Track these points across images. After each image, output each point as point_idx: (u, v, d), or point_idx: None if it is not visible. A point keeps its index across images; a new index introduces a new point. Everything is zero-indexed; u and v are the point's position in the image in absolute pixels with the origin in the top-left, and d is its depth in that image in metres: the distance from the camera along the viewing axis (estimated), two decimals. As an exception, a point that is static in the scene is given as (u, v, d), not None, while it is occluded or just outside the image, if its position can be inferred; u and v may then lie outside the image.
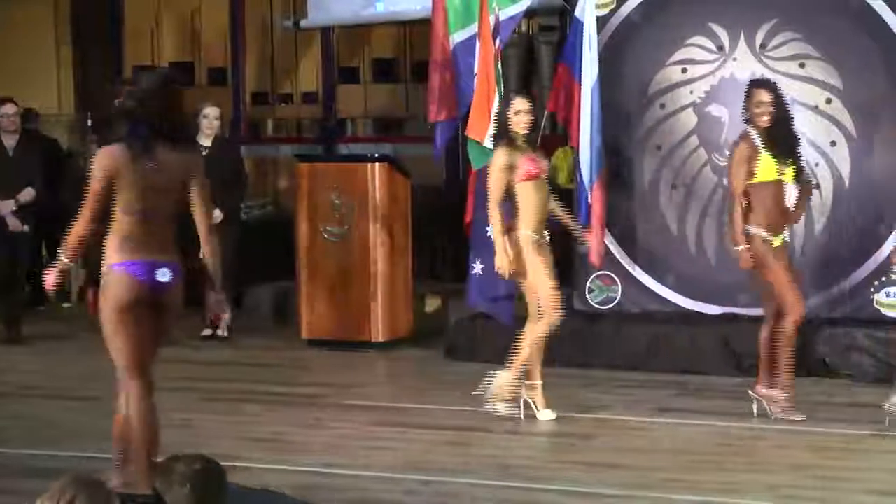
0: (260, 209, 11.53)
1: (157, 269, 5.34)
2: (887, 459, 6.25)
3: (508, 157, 7.05)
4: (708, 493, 5.62)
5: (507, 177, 7.04)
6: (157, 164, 5.25)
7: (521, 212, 7.08)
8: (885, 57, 8.29)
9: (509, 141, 7.11)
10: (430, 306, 10.10)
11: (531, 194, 7.05)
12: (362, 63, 12.35)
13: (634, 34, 8.87)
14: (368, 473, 6.03)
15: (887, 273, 8.31)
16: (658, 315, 8.78)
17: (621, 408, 7.39)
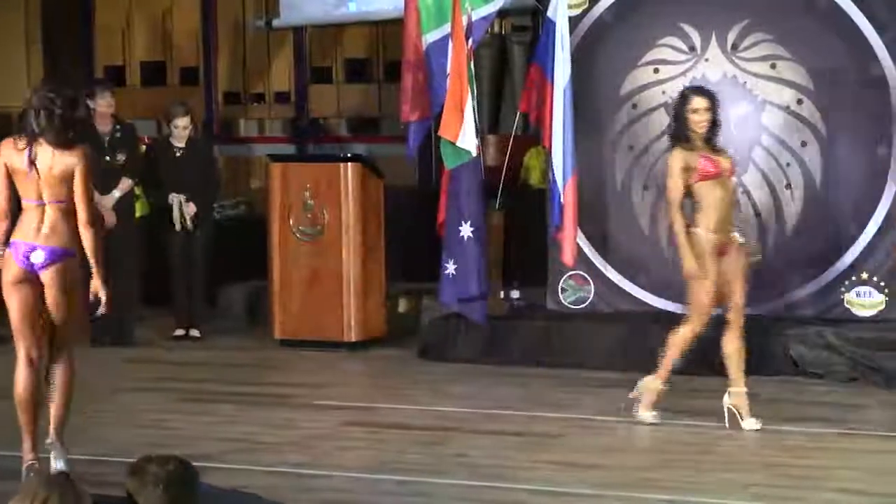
0: (232, 209, 11.50)
1: (32, 251, 5.82)
2: (858, 458, 6.29)
3: (685, 158, 6.83)
4: (680, 493, 5.64)
5: (685, 178, 6.81)
6: (37, 158, 5.81)
7: (700, 212, 6.85)
8: (855, 58, 8.34)
9: (686, 140, 6.87)
10: (403, 306, 10.10)
11: (710, 194, 6.82)
12: (335, 63, 12.34)
13: (607, 34, 8.90)
14: (341, 474, 6.03)
15: (858, 272, 8.37)
16: (630, 315, 8.81)
17: (593, 407, 7.41)
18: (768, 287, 8.56)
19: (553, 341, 8.65)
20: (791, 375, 8.08)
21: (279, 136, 12.60)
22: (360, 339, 9.27)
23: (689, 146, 6.83)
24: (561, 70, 8.41)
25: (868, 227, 8.33)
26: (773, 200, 8.58)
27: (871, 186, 8.35)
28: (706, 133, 6.84)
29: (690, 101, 6.84)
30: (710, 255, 6.79)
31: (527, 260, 9.45)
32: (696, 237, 6.80)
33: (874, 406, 7.36)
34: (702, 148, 6.83)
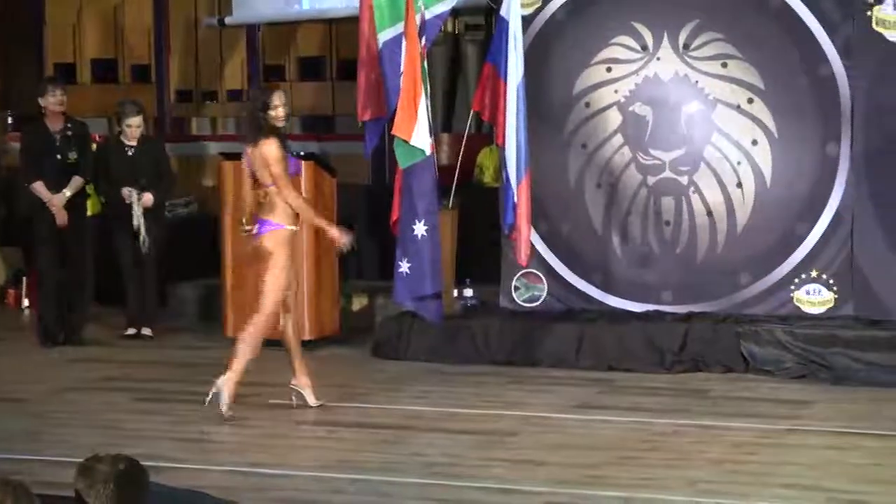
0: (184, 207, 11.46)
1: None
2: (805, 454, 6.35)
3: None
4: (629, 489, 5.69)
5: None
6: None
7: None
8: (805, 58, 8.43)
9: None
10: (357, 305, 10.10)
11: None
12: (288, 61, 12.32)
13: (559, 33, 8.94)
14: (294, 473, 6.03)
15: (807, 270, 8.46)
16: (583, 313, 8.86)
17: (546, 405, 7.45)
18: (718, 285, 8.64)
19: (506, 340, 8.68)
20: (742, 372, 8.15)
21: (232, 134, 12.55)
22: (313, 338, 9.26)
23: None
24: (514, 69, 8.43)
25: (817, 225, 8.42)
26: (724, 199, 8.65)
27: (821, 185, 8.44)
28: None
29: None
30: None
31: (480, 258, 9.47)
32: None
33: (823, 402, 7.44)
34: None
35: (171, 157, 10.60)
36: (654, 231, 8.81)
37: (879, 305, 8.33)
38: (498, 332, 8.73)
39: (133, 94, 10.77)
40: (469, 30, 11.49)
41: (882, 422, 6.91)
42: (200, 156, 12.37)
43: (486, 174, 11.10)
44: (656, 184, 8.77)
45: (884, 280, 8.30)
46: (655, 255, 8.82)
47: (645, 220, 8.82)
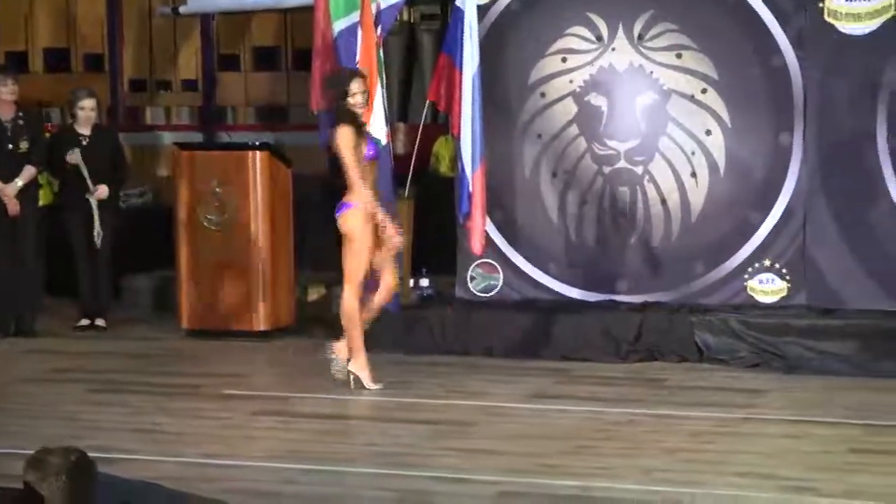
0: (138, 197, 11.38)
1: None
2: (759, 442, 6.40)
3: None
4: (585, 478, 5.70)
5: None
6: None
7: None
8: (758, 49, 8.47)
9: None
10: (313, 295, 10.07)
11: None
12: (243, 51, 12.26)
13: (515, 23, 8.94)
14: (248, 463, 6.01)
15: (761, 260, 8.51)
16: (539, 303, 8.87)
17: (501, 395, 7.46)
18: (673, 274, 8.68)
19: (462, 329, 8.68)
20: (696, 362, 8.20)
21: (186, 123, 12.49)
22: (269, 329, 9.24)
23: None
24: (470, 58, 8.43)
25: (770, 215, 8.47)
26: (678, 188, 8.69)
27: (774, 175, 8.49)
28: None
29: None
30: None
31: (436, 248, 9.47)
32: None
33: (776, 391, 7.49)
34: None
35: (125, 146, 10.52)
36: (610, 221, 8.84)
37: (832, 294, 8.39)
38: (453, 322, 8.73)
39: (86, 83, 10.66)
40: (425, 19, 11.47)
41: (834, 410, 6.96)
42: (154, 146, 12.29)
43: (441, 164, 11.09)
44: (611, 174, 8.80)
45: (836, 269, 8.37)
46: (611, 245, 8.85)
47: (600, 210, 8.84)
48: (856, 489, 5.50)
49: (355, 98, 7.35)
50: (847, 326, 8.03)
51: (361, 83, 7.43)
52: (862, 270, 8.31)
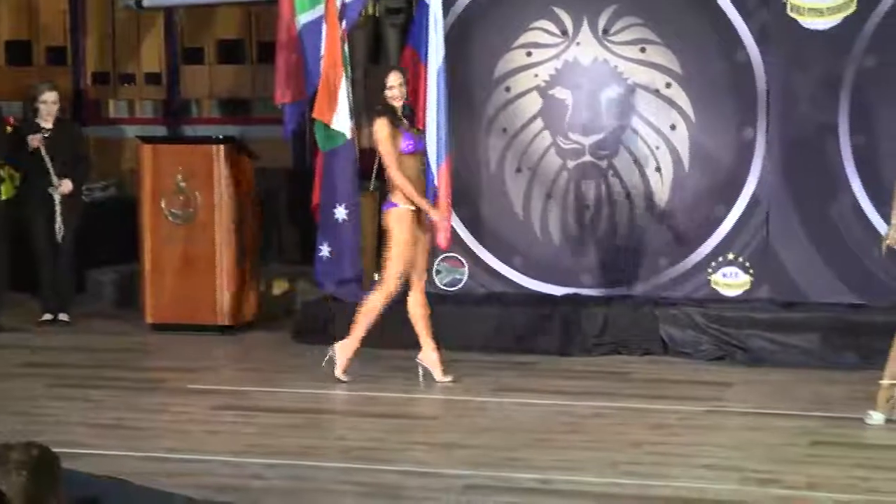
0: (102, 191, 11.32)
1: None
2: (722, 434, 6.43)
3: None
4: (549, 471, 5.72)
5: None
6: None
7: None
8: (722, 43, 8.51)
9: None
10: (278, 289, 10.05)
11: None
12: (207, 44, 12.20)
13: (480, 17, 8.94)
14: (213, 458, 5.99)
15: (724, 253, 8.56)
16: (504, 297, 8.88)
17: (467, 388, 7.47)
18: (637, 268, 8.71)
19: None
20: (661, 355, 8.23)
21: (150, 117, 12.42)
22: (233, 323, 9.21)
23: None
24: (435, 52, 8.40)
25: (734, 208, 8.52)
26: (643, 182, 8.72)
27: (738, 169, 8.53)
28: None
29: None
30: None
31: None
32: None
33: (740, 384, 7.54)
34: None
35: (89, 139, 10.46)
36: (575, 215, 8.86)
37: (794, 288, 8.45)
38: (419, 315, 8.72)
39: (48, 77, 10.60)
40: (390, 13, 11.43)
41: (797, 402, 7.01)
42: (118, 139, 12.22)
43: (407, 158, 11.07)
44: (576, 168, 8.82)
45: (798, 263, 8.42)
46: (575, 239, 8.87)
47: (565, 204, 8.86)
48: (818, 481, 5.54)
49: (392, 91, 7.45)
50: (809, 319, 8.09)
51: (399, 76, 7.54)
52: (824, 264, 8.37)
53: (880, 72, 8.23)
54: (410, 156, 7.55)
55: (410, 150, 7.55)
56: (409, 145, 7.54)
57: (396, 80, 7.51)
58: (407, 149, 7.52)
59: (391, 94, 7.50)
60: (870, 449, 6.09)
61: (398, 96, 7.51)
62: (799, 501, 5.29)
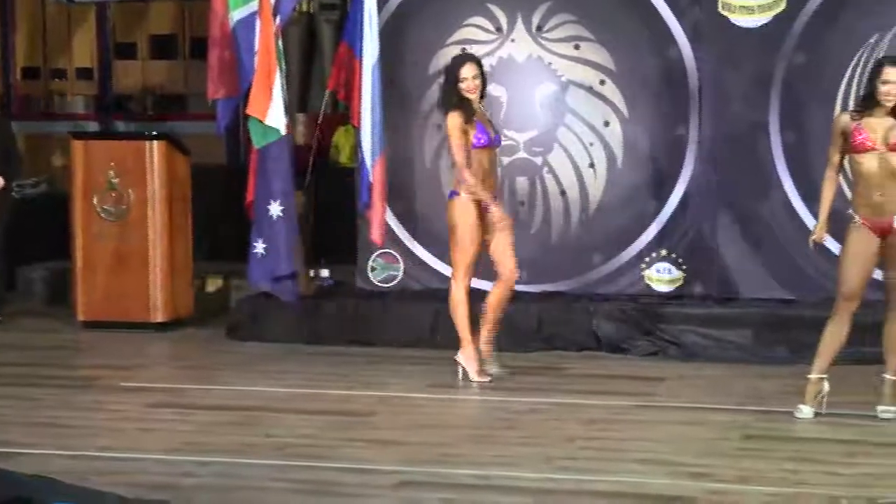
0: (33, 187, 11.19)
1: None
2: (656, 429, 6.48)
3: (845, 124, 6.46)
4: (486, 467, 5.73)
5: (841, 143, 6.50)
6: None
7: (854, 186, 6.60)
8: (655, 40, 8.57)
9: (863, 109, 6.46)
10: (212, 286, 9.99)
11: (861, 165, 6.45)
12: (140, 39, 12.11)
13: (415, 13, 8.94)
14: (146, 456, 5.94)
15: (657, 249, 8.62)
16: (440, 292, 8.87)
17: (403, 385, 7.47)
18: (572, 264, 8.76)
19: (362, 320, 8.67)
20: (595, 350, 8.28)
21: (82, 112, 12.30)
22: (167, 320, 9.16)
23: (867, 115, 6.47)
24: (370, 48, 8.42)
25: (667, 205, 8.59)
26: (577, 179, 8.77)
27: (670, 165, 8.60)
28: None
29: (882, 73, 6.44)
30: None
31: (336, 238, 9.45)
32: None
33: (673, 379, 7.60)
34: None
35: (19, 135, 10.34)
36: (509, 211, 8.87)
37: (727, 283, 8.53)
38: (354, 312, 8.72)
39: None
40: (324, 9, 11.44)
41: (729, 397, 7.08)
42: (49, 135, 12.10)
43: (341, 154, 11.08)
44: (511, 164, 8.85)
45: (730, 259, 8.51)
46: (509, 235, 8.88)
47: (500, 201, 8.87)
48: (749, 475, 5.61)
49: (466, 83, 7.28)
50: (741, 315, 8.18)
51: (473, 68, 7.33)
52: (756, 260, 8.47)
53: (810, 69, 8.33)
54: (482, 150, 7.32)
55: (481, 144, 7.31)
56: (481, 139, 7.31)
57: (471, 71, 7.29)
58: (477, 143, 7.29)
59: (465, 85, 7.28)
60: (799, 442, 6.16)
61: (472, 88, 7.29)
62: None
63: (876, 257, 6.50)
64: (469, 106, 7.32)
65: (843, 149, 6.53)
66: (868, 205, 6.45)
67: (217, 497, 5.37)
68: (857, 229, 6.47)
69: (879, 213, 6.43)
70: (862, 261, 6.47)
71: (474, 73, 7.31)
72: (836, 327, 6.53)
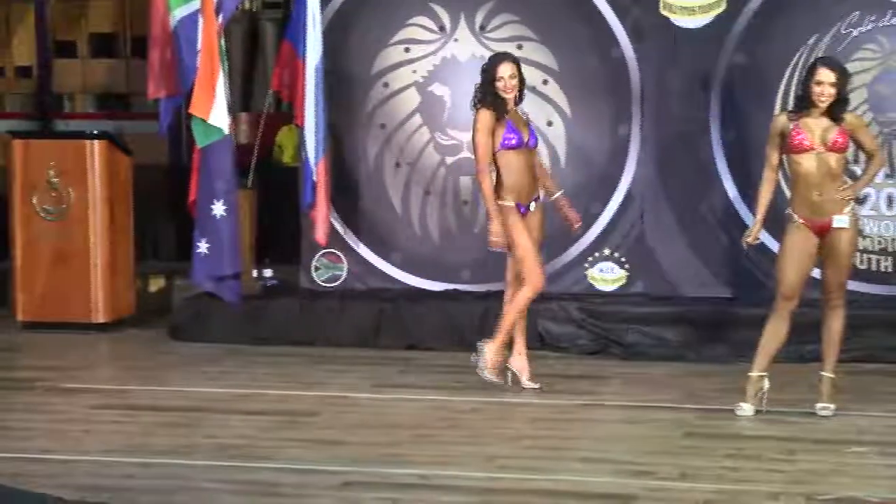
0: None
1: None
2: (598, 428, 6.52)
3: (783, 124, 6.51)
4: (428, 467, 5.74)
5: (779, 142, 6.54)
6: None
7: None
8: (597, 40, 8.62)
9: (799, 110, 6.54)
10: (154, 286, 9.93)
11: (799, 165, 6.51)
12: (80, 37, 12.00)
13: (358, 13, 8.93)
14: (87, 458, 5.90)
15: (600, 248, 8.67)
16: (383, 292, 8.89)
17: (345, 385, 7.46)
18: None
19: (306, 320, 8.65)
20: (538, 350, 8.29)
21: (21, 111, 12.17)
22: (108, 321, 9.09)
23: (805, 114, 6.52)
24: (313, 48, 8.41)
25: (610, 204, 8.63)
26: (521, 179, 8.77)
27: (613, 165, 8.65)
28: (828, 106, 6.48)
29: (816, 73, 6.50)
30: None
31: (280, 238, 9.43)
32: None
33: (616, 377, 7.64)
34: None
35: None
36: (453, 210, 8.90)
37: (668, 282, 8.59)
38: (298, 312, 8.70)
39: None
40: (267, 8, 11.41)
41: (671, 395, 7.13)
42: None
43: (285, 154, 11.04)
44: (454, 164, 8.86)
45: (672, 258, 8.57)
46: (454, 235, 8.91)
47: (443, 200, 8.90)
48: (690, 472, 5.65)
49: (503, 82, 7.02)
50: (683, 313, 8.23)
51: (511, 67, 7.09)
52: (697, 259, 8.53)
53: (750, 69, 8.40)
54: (514, 151, 7.07)
55: (509, 145, 7.06)
56: (510, 140, 7.07)
57: (508, 70, 7.05)
58: (506, 143, 7.05)
59: (501, 84, 7.04)
60: (740, 440, 6.22)
61: (509, 88, 7.04)
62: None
63: (814, 256, 6.58)
64: (502, 106, 7.08)
65: (781, 149, 6.60)
66: (807, 205, 6.52)
67: (159, 499, 5.34)
68: (795, 228, 6.54)
69: (818, 212, 6.50)
70: (800, 260, 6.54)
71: (511, 72, 7.09)
72: (776, 325, 6.59)
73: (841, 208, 6.50)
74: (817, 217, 6.50)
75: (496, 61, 7.17)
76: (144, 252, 9.99)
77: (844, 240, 6.52)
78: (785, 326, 6.59)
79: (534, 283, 7.16)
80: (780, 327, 6.59)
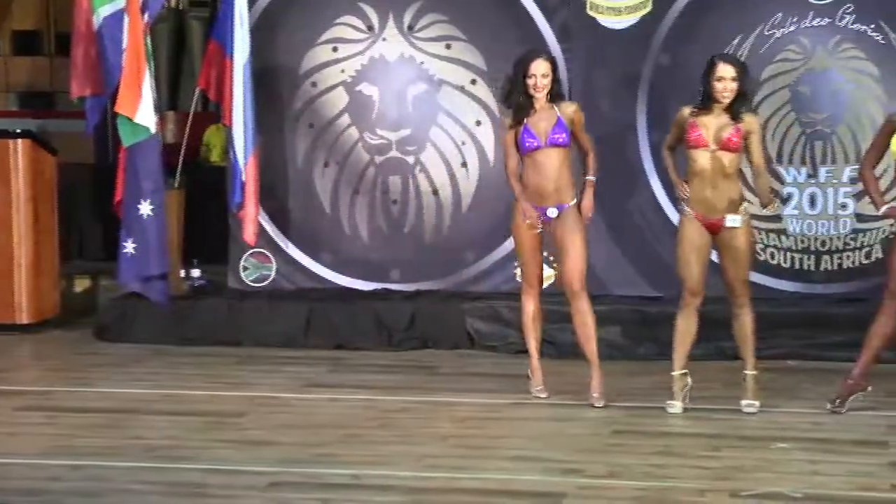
0: None
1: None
2: (527, 426, 6.55)
3: (684, 119, 6.56)
4: (357, 466, 5.73)
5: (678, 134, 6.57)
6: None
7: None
8: (525, 40, 8.63)
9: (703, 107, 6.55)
10: (80, 286, 9.83)
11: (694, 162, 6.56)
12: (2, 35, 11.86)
13: (286, 11, 8.90)
14: (12, 461, 5.83)
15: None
16: (313, 292, 8.86)
17: (274, 385, 7.43)
18: (445, 263, 8.80)
19: (235, 320, 8.61)
20: (467, 349, 8.33)
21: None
22: (32, 321, 8.98)
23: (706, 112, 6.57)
24: (240, 47, 8.37)
25: (539, 204, 8.65)
26: (450, 178, 8.81)
27: (541, 165, 8.67)
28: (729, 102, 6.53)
29: (715, 70, 6.53)
30: None
31: (207, 238, 9.36)
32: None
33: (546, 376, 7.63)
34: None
35: None
36: (382, 210, 8.90)
37: (596, 281, 8.61)
38: (226, 312, 8.65)
39: None
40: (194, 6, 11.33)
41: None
42: None
43: (213, 153, 10.98)
44: (384, 163, 8.86)
45: (600, 256, 8.60)
46: (383, 234, 8.91)
47: (373, 199, 8.90)
48: (618, 469, 5.69)
49: (534, 80, 6.71)
50: (611, 312, 8.27)
51: (545, 65, 6.73)
52: (625, 258, 8.60)
53: (675, 70, 8.47)
54: (534, 153, 6.78)
55: (529, 148, 6.77)
56: (528, 143, 6.76)
57: (541, 69, 6.72)
58: (527, 147, 6.76)
59: (532, 82, 6.70)
60: (666, 437, 6.27)
61: (540, 87, 6.72)
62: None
63: (709, 248, 6.67)
64: (527, 105, 6.76)
65: (678, 140, 6.71)
66: (700, 200, 6.61)
67: (86, 501, 5.30)
68: (688, 221, 6.65)
69: (711, 210, 6.60)
70: (697, 252, 6.63)
71: (545, 71, 6.72)
72: (685, 322, 6.70)
73: (735, 208, 6.59)
74: (710, 214, 6.60)
75: (530, 57, 6.82)
76: (70, 252, 9.88)
77: (739, 236, 6.61)
78: (694, 321, 6.70)
79: (527, 287, 7.14)
80: (690, 323, 6.70)
